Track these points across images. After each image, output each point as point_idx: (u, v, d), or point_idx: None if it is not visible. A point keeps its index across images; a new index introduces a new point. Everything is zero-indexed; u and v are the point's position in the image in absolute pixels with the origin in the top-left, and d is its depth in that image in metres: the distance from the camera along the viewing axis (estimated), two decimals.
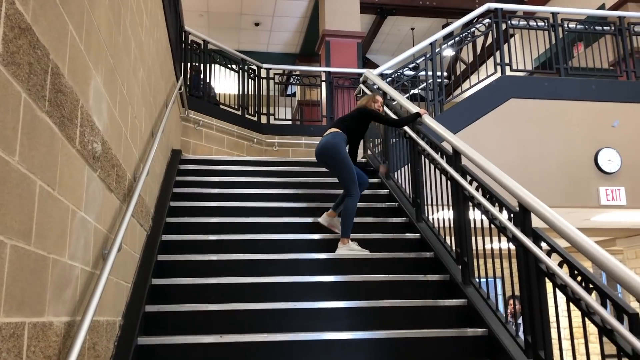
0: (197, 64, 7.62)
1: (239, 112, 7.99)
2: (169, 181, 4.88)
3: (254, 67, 8.44)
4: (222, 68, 7.97)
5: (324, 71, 8.69)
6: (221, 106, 7.82)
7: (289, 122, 9.08)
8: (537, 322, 2.69)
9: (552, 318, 3.00)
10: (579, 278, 2.40)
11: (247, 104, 8.14)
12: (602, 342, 2.26)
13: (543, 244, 2.74)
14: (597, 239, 9.64)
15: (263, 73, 8.51)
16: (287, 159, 6.55)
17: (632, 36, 6.98)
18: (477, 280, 3.47)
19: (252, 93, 8.32)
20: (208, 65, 7.72)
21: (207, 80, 7.71)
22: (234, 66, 8.12)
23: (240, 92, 8.12)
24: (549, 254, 2.65)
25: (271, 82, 8.53)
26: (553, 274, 2.55)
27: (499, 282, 4.23)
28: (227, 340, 2.96)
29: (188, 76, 7.46)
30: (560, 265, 2.52)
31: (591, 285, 2.33)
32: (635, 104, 6.67)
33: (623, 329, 2.07)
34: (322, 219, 4.40)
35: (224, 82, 8.01)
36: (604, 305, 2.27)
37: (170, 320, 3.17)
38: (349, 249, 4.07)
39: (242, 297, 3.46)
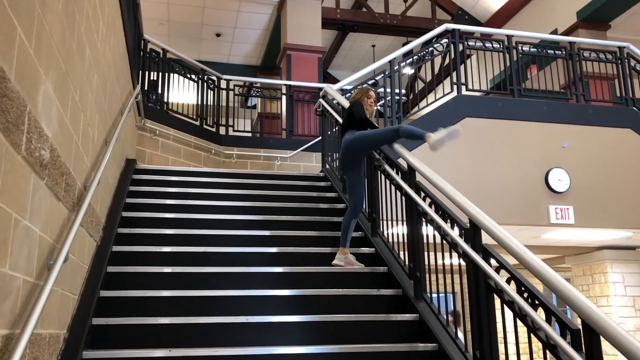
0: (154, 79, 7.53)
1: (197, 123, 7.92)
2: (122, 191, 4.79)
3: (214, 78, 8.40)
4: (181, 78, 7.90)
5: (285, 84, 8.72)
6: (179, 116, 7.74)
7: (249, 134, 9.05)
8: (485, 337, 2.74)
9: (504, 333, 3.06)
10: (525, 294, 2.46)
11: (206, 115, 8.08)
12: (545, 357, 2.32)
13: (492, 261, 2.80)
14: (547, 257, 9.92)
15: (223, 84, 8.47)
16: (245, 171, 6.52)
17: (581, 61, 7.26)
18: (429, 295, 3.51)
19: (211, 104, 8.27)
20: (167, 74, 7.64)
21: (165, 90, 7.62)
22: (193, 76, 8.07)
23: (199, 103, 8.06)
24: (497, 270, 2.71)
25: (231, 93, 8.50)
26: (501, 290, 2.61)
27: (450, 297, 4.29)
28: (176, 354, 2.91)
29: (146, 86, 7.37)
30: (508, 281, 2.58)
31: (537, 302, 2.39)
32: (584, 126, 6.93)
33: (565, 345, 2.13)
34: (339, 261, 4.14)
35: (183, 92, 7.93)
36: (549, 321, 2.33)
37: (118, 334, 3.09)
38: (346, 260, 4.08)
39: (193, 310, 3.40)
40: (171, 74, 7.75)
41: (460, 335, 3.19)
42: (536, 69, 8.35)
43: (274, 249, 4.26)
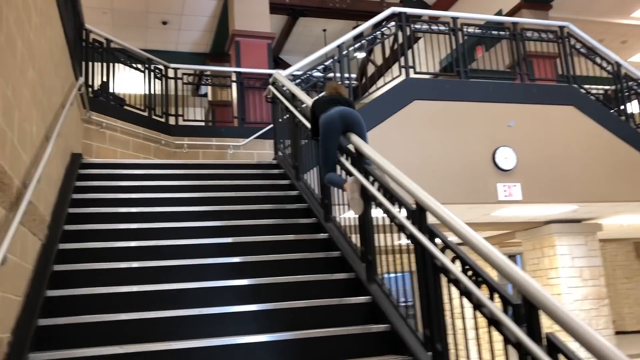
0: (105, 81, 7.31)
1: (146, 114, 7.76)
2: (68, 187, 4.66)
3: (161, 67, 8.22)
4: (127, 68, 7.71)
5: (234, 71, 8.62)
6: (126, 107, 7.56)
7: (200, 124, 8.93)
8: (434, 316, 2.81)
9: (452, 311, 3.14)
10: (469, 273, 2.53)
11: (154, 105, 7.92)
12: (490, 332, 2.40)
13: (438, 241, 2.86)
14: (498, 233, 10.20)
15: (171, 73, 8.31)
16: (197, 162, 6.44)
17: (524, 41, 7.44)
18: (381, 277, 3.57)
19: (160, 93, 8.11)
20: (112, 64, 7.44)
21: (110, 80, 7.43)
22: (139, 66, 7.88)
23: (147, 93, 7.89)
24: (443, 250, 2.77)
25: (180, 82, 8.35)
26: (447, 269, 2.67)
27: (402, 277, 4.36)
28: (128, 350, 2.87)
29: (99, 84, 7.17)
30: (453, 261, 2.64)
31: (480, 279, 2.47)
32: (528, 104, 7.12)
33: (507, 319, 2.21)
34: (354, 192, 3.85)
35: (130, 83, 7.75)
36: (492, 297, 2.40)
37: (67, 334, 3.02)
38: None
39: (145, 305, 3.36)
40: (116, 65, 7.55)
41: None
42: (482, 50, 8.51)
43: (228, 239, 4.23)
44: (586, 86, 7.76)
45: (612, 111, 7.75)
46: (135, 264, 3.71)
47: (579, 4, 10.66)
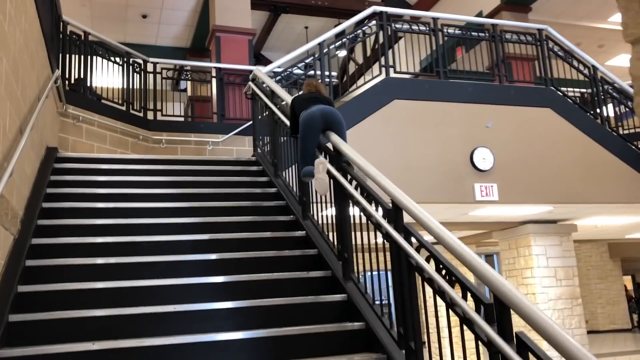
0: (82, 77, 7.22)
1: (124, 108, 7.69)
2: (42, 181, 4.60)
3: (140, 61, 8.15)
4: (106, 61, 7.63)
5: (215, 67, 8.57)
6: (104, 101, 7.48)
7: (179, 119, 8.86)
8: (408, 314, 2.84)
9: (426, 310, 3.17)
10: (443, 272, 2.56)
11: (133, 99, 7.85)
12: (462, 330, 2.43)
13: (414, 240, 2.89)
14: (475, 232, 10.32)
15: (150, 67, 8.24)
16: (175, 157, 6.40)
17: (503, 43, 7.52)
18: (357, 275, 3.59)
19: (138, 88, 8.03)
20: (90, 57, 7.35)
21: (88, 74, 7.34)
22: (118, 59, 7.80)
23: (125, 87, 7.81)
24: (418, 249, 2.80)
25: (159, 76, 8.28)
26: (422, 268, 2.70)
27: (377, 275, 4.39)
28: (100, 347, 2.85)
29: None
30: (428, 260, 2.67)
31: (454, 278, 2.50)
32: (506, 106, 7.21)
33: (479, 319, 2.24)
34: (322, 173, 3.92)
35: (108, 76, 7.66)
36: (465, 296, 2.43)
37: (38, 330, 2.99)
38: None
39: (120, 302, 3.34)
40: (94, 58, 7.46)
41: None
42: (462, 51, 8.58)
43: (204, 236, 4.22)
44: (563, 89, 7.88)
45: (588, 114, 7.88)
46: (111, 260, 3.68)
47: (558, 7, 10.82)
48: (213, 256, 3.93)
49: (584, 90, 9.19)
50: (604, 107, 8.13)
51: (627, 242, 16.44)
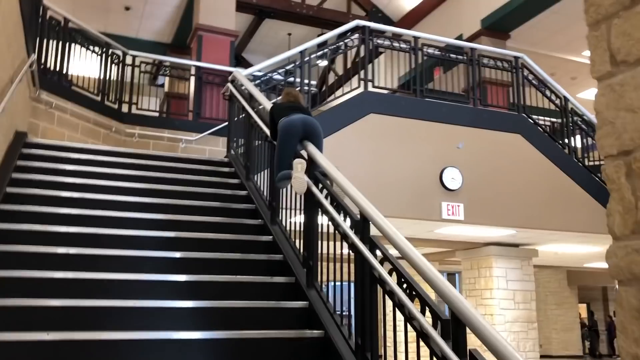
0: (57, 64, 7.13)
1: (99, 98, 7.60)
2: (8, 166, 4.52)
3: (119, 53, 8.07)
4: (84, 50, 7.53)
5: (194, 65, 8.55)
6: (78, 89, 7.38)
7: (154, 114, 8.79)
8: (367, 325, 2.88)
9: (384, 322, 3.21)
10: (404, 285, 2.61)
11: (108, 90, 7.77)
12: (418, 345, 2.48)
13: (378, 253, 2.93)
14: (439, 250, 10.46)
15: (129, 60, 8.17)
16: (146, 152, 6.35)
17: (480, 67, 7.69)
18: (320, 283, 3.62)
19: (115, 79, 7.95)
20: (68, 44, 7.25)
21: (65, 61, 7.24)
22: (96, 49, 7.71)
23: (102, 77, 7.72)
24: (382, 262, 2.85)
25: (137, 70, 8.21)
26: (384, 281, 2.74)
27: (340, 285, 4.43)
28: (54, 338, 2.81)
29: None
30: (390, 273, 2.72)
31: (414, 293, 2.55)
32: (478, 129, 7.36)
33: (435, 334, 2.29)
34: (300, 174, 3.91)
35: (85, 65, 7.56)
36: (423, 311, 2.48)
37: None
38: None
39: (78, 293, 3.29)
40: (73, 45, 7.36)
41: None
42: (440, 71, 8.74)
43: (170, 234, 4.19)
44: (534, 117, 8.09)
45: (556, 143, 8.09)
46: (72, 250, 3.64)
47: (535, 37, 11.10)
48: (177, 254, 3.91)
49: (554, 119, 9.44)
50: (572, 138, 8.36)
51: (585, 270, 16.86)
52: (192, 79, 8.50)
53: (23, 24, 4.91)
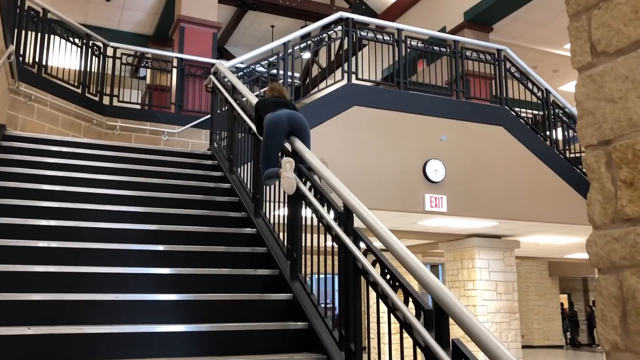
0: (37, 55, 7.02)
1: (79, 90, 7.50)
2: None
3: (100, 45, 7.97)
4: (64, 41, 7.42)
5: (176, 57, 8.47)
6: (58, 82, 7.28)
7: (136, 106, 8.71)
8: (351, 316, 2.89)
9: (368, 313, 3.24)
10: (388, 276, 2.62)
11: (89, 83, 7.67)
12: (402, 336, 2.49)
13: (362, 244, 2.94)
14: (423, 242, 10.53)
15: (109, 51, 8.07)
16: (128, 145, 6.29)
17: (463, 59, 7.72)
18: (304, 276, 3.62)
19: (96, 71, 7.86)
20: (47, 35, 7.15)
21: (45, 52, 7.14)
22: (77, 40, 7.61)
23: (82, 69, 7.62)
24: (365, 254, 2.85)
25: (118, 61, 8.12)
26: (367, 272, 2.75)
27: (324, 278, 4.45)
28: (35, 332, 2.78)
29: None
30: (374, 264, 2.73)
31: (397, 284, 2.56)
32: (461, 121, 7.40)
33: (418, 324, 2.31)
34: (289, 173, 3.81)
35: (65, 57, 7.46)
36: (407, 302, 2.50)
37: None
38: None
39: (60, 287, 3.26)
40: (52, 37, 7.26)
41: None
42: (423, 64, 8.76)
43: (152, 226, 4.17)
44: (517, 109, 8.15)
45: (538, 135, 8.17)
46: (53, 244, 3.60)
47: (517, 30, 11.18)
48: (160, 247, 3.89)
49: (536, 112, 9.52)
50: (554, 130, 8.44)
51: (566, 261, 17.09)
52: (174, 71, 8.43)
53: (0, 14, 4.83)
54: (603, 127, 1.51)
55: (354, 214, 3.00)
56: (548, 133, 8.32)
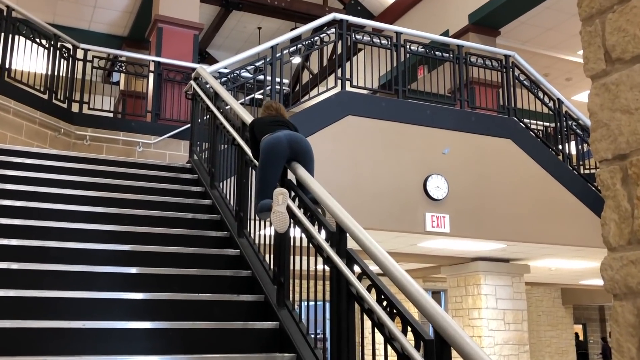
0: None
1: (46, 96, 7.50)
2: None
3: (69, 46, 7.99)
4: (29, 42, 7.44)
5: (153, 61, 8.51)
6: (22, 86, 7.27)
7: (108, 114, 8.71)
8: (344, 347, 2.89)
9: (362, 344, 3.23)
10: (384, 303, 2.62)
11: (57, 88, 7.67)
12: None
13: (356, 268, 2.95)
14: (423, 266, 10.54)
15: (80, 54, 8.09)
16: (99, 157, 6.29)
17: (468, 66, 7.80)
18: (292, 302, 3.62)
19: (64, 76, 7.86)
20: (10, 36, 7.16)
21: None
22: (44, 41, 7.62)
23: (50, 73, 7.63)
24: (360, 277, 2.86)
25: (89, 65, 8.13)
26: (362, 298, 2.76)
27: (315, 304, 4.44)
28: None
29: None
30: (369, 289, 2.73)
31: (395, 311, 2.57)
32: (465, 133, 7.46)
33: (418, 356, 2.31)
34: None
35: (30, 59, 7.46)
36: (405, 331, 2.50)
37: None
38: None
39: (22, 313, 3.24)
40: (17, 37, 7.27)
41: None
42: (424, 70, 8.84)
43: (125, 247, 4.16)
44: (526, 120, 8.22)
45: (549, 149, 8.23)
46: (14, 265, 3.58)
47: (527, 34, 11.31)
48: (133, 270, 3.88)
49: (547, 124, 9.60)
50: (567, 144, 8.51)
51: (581, 288, 17.13)
52: (151, 76, 8.45)
53: None
54: (618, 140, 1.53)
55: (348, 234, 3.01)
56: (560, 147, 8.39)
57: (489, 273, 9.41)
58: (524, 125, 8.07)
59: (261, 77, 7.05)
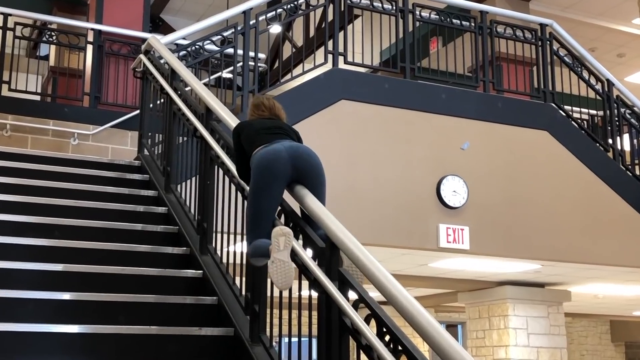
0: None
1: None
2: None
3: None
4: None
5: (92, 29, 8.50)
6: None
7: (35, 97, 8.70)
8: None
9: None
10: (387, 337, 2.65)
11: None
12: None
13: (351, 293, 2.98)
14: (436, 291, 10.58)
15: None
16: (23, 152, 6.30)
17: (493, 37, 7.82)
18: (270, 337, 3.65)
19: None
20: None
21: None
22: None
23: None
24: (357, 305, 2.89)
25: (10, 34, 8.12)
26: (358, 331, 2.79)
27: (299, 339, 4.46)
28: None
29: None
30: (368, 320, 2.76)
31: (401, 348, 2.60)
32: (490, 123, 7.48)
33: None
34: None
35: None
36: None
37: None
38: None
39: None
40: None
41: None
42: (438, 43, 8.89)
43: (57, 266, 4.17)
44: (567, 107, 8.24)
45: (596, 144, 8.26)
46: None
47: None
48: (66, 295, 3.89)
49: (594, 111, 9.64)
50: (619, 137, 8.52)
51: (636, 321, 17.23)
52: (89, 48, 8.45)
53: None
54: None
55: (341, 251, 3.04)
56: (611, 141, 8.42)
57: (519, 301, 9.46)
58: (564, 114, 8.11)
59: (230, 50, 7.07)
